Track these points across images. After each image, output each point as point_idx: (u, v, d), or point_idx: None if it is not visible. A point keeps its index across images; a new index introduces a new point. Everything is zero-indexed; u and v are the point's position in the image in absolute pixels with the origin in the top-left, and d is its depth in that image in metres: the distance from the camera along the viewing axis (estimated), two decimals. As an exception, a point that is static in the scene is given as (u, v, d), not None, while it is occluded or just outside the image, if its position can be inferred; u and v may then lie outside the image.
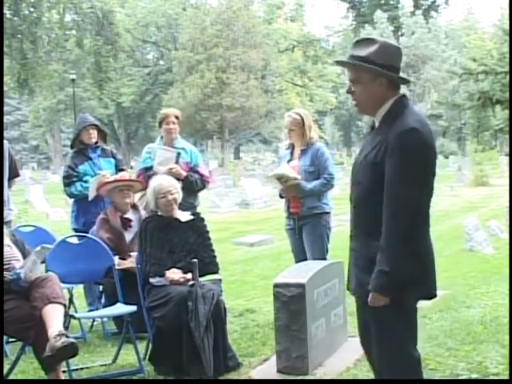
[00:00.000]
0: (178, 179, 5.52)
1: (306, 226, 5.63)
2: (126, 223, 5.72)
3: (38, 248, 4.35)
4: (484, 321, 5.60)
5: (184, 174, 5.99)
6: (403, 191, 2.76)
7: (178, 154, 6.07)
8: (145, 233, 4.90)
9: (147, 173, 6.05)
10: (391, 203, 2.78)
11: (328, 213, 5.69)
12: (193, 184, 6.05)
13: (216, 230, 9.67)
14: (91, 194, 6.07)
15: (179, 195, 5.06)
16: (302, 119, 5.62)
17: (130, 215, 5.78)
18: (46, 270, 4.66)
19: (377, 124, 2.96)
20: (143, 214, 5.78)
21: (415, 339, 2.97)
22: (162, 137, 6.31)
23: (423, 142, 2.80)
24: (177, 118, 6.23)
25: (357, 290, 2.97)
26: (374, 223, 2.83)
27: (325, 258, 5.55)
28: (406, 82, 3.00)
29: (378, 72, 2.86)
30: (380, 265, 2.76)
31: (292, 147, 5.78)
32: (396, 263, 2.74)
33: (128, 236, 5.69)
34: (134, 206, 5.88)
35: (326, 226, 5.67)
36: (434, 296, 2.93)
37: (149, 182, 5.67)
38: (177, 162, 6.01)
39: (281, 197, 5.78)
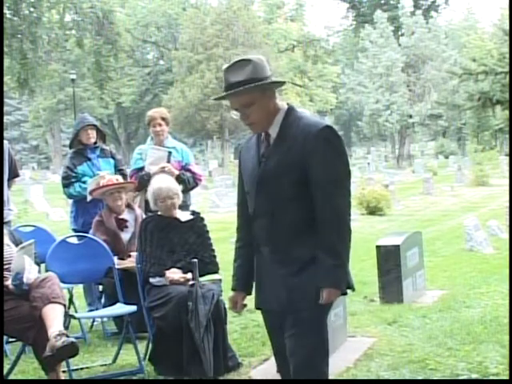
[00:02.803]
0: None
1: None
2: (122, 224, 5.70)
3: (23, 245, 4.36)
4: (484, 321, 5.59)
5: (176, 172, 5.99)
6: (339, 189, 2.81)
7: (170, 152, 6.08)
8: (145, 233, 4.90)
9: (139, 173, 6.08)
10: (331, 201, 2.78)
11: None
12: (185, 182, 6.04)
13: (216, 230, 9.66)
14: (90, 195, 6.06)
15: (179, 199, 5.01)
16: None
17: (125, 215, 5.76)
18: (46, 270, 4.67)
19: (274, 135, 2.92)
20: (139, 213, 5.78)
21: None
22: (152, 137, 6.32)
23: (341, 139, 2.87)
24: (163, 119, 6.18)
25: (285, 300, 2.92)
26: (301, 226, 2.83)
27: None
28: (281, 83, 3.08)
29: (266, 86, 2.88)
30: (330, 260, 2.75)
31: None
32: (346, 258, 2.81)
33: (125, 236, 5.67)
34: (129, 206, 5.86)
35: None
36: (353, 289, 2.97)
37: (142, 182, 5.90)
38: (168, 161, 6.03)
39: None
